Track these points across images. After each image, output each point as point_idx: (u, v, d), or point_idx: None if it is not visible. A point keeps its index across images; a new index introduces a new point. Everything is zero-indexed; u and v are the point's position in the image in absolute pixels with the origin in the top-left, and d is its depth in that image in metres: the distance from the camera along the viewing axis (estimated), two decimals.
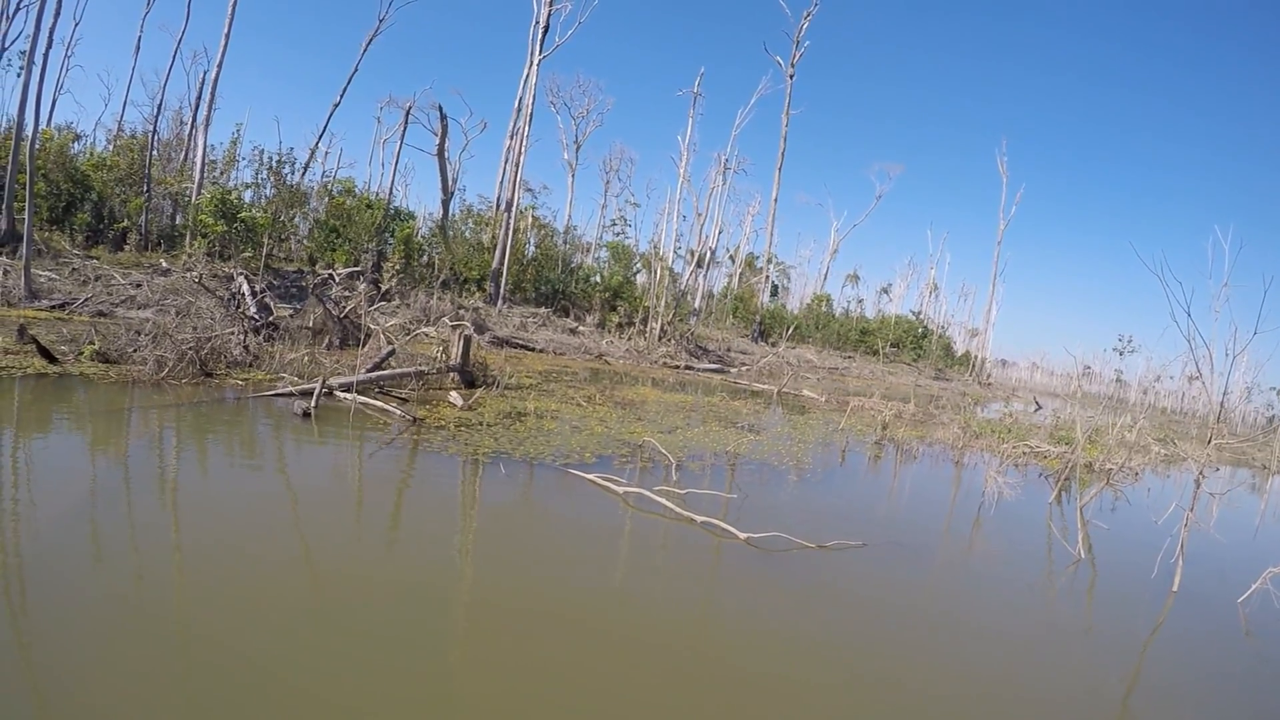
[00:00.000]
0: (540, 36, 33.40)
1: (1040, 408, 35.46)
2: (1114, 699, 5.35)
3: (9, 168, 20.69)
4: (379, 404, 11.32)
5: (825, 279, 69.88)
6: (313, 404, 10.38)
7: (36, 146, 21.13)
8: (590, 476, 8.65)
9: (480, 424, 11.07)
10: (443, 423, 10.89)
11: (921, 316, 65.16)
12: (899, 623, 6.09)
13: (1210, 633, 7.03)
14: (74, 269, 20.80)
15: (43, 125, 25.67)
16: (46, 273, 19.59)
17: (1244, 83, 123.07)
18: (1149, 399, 64.86)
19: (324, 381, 11.12)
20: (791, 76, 45.86)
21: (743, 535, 7.17)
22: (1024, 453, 16.17)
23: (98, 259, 22.75)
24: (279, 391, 11.11)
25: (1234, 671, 6.22)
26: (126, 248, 25.39)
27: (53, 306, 17.02)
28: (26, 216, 17.83)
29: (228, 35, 29.43)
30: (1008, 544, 9.33)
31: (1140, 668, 6.12)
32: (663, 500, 7.89)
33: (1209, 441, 9.96)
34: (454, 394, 12.92)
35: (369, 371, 12.54)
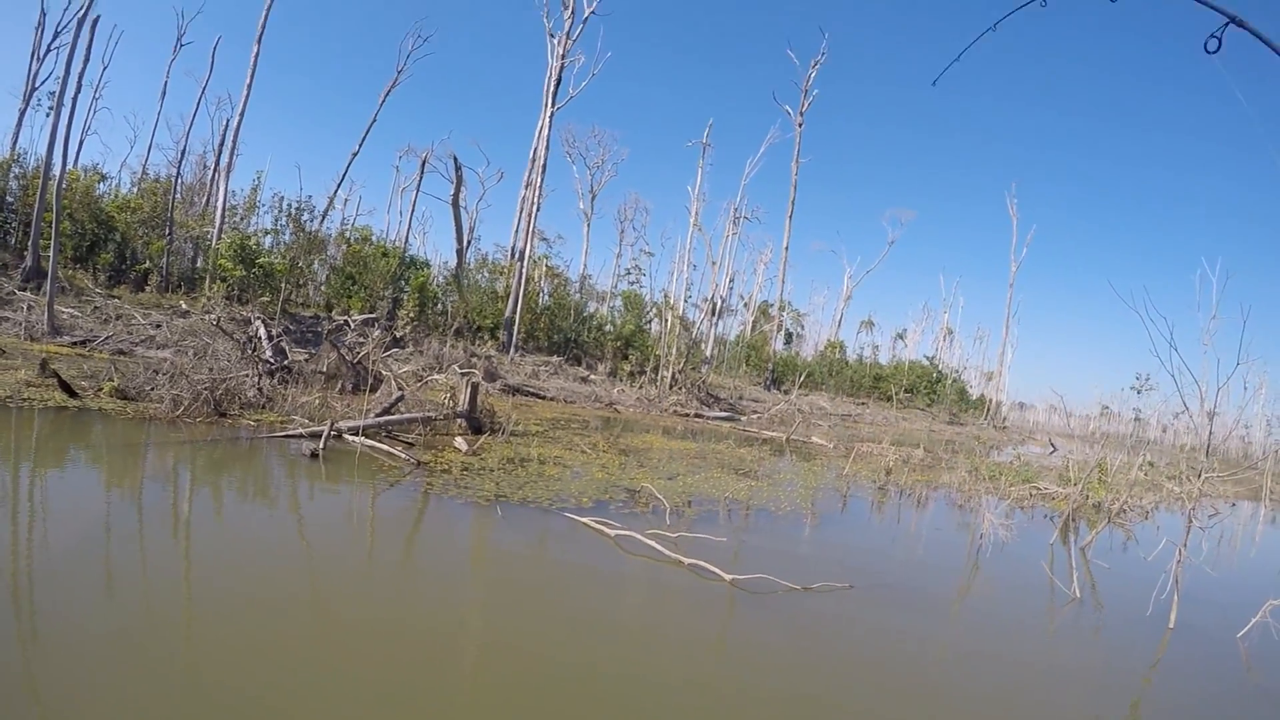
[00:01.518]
0: (553, 89, 34.15)
1: (1056, 449, 35.32)
2: None
3: (36, 206, 21.30)
4: (385, 447, 11.58)
5: (839, 325, 70.17)
6: (321, 446, 10.68)
7: (63, 186, 21.73)
8: (584, 520, 8.85)
9: (483, 469, 11.30)
10: (447, 467, 11.13)
11: (936, 361, 65.03)
12: (888, 662, 6.18)
13: (1209, 668, 7.05)
14: (96, 307, 21.35)
15: (70, 165, 26.39)
16: (69, 310, 20.13)
17: (1247, 114, 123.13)
18: (1168, 437, 64.33)
19: (332, 424, 11.42)
20: (800, 125, 46.58)
21: (728, 576, 7.34)
22: (1030, 495, 16.19)
23: (119, 298, 23.32)
24: (290, 433, 11.43)
25: (1234, 706, 6.24)
26: (148, 288, 25.95)
27: (74, 343, 17.50)
28: (52, 254, 18.40)
29: (249, 86, 30.30)
30: (1003, 585, 9.36)
31: (1139, 704, 6.15)
32: (652, 543, 8.07)
33: (1199, 476, 10.07)
34: (459, 439, 13.16)
35: (377, 416, 12.84)
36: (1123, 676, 6.68)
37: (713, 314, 47.97)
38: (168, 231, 27.80)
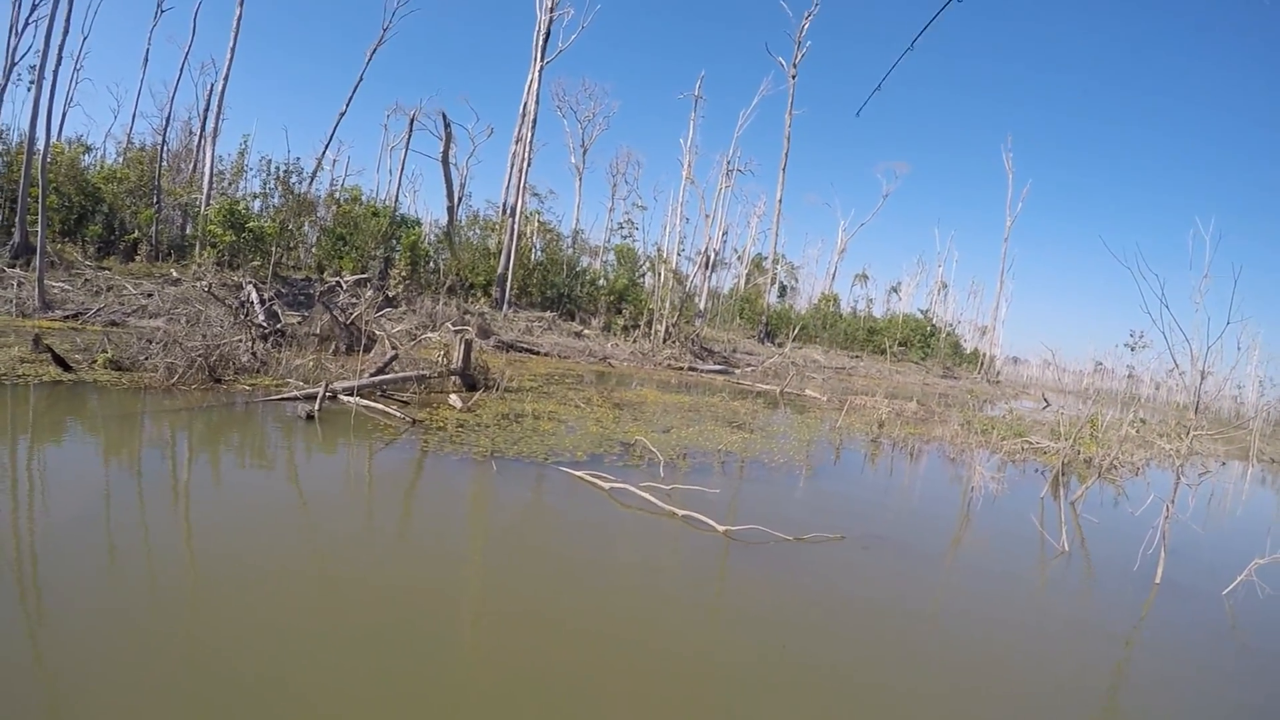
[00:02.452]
0: (542, 43, 33.76)
1: (1049, 405, 35.46)
2: (1099, 691, 5.46)
3: (21, 182, 21.08)
4: (380, 407, 11.66)
5: (834, 279, 70.12)
6: (316, 407, 10.75)
7: (48, 160, 21.50)
8: (578, 473, 8.96)
9: (478, 425, 11.39)
10: (442, 424, 11.22)
11: (930, 315, 65.07)
12: (877, 615, 6.27)
13: (1195, 625, 7.12)
14: (86, 280, 21.23)
15: (53, 139, 26.16)
16: (60, 284, 20.03)
17: (1245, 76, 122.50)
18: (1161, 394, 64.67)
19: (327, 385, 11.48)
20: (794, 77, 46.16)
21: (721, 528, 7.45)
22: (1022, 449, 16.32)
23: (109, 270, 23.19)
24: (284, 396, 11.47)
25: (1218, 663, 6.32)
26: (137, 258, 25.77)
27: (66, 316, 17.43)
28: (40, 229, 18.24)
29: (233, 48, 29.84)
30: (994, 538, 9.44)
31: (1126, 660, 6.23)
32: (647, 495, 8.18)
33: (1187, 434, 10.18)
34: (454, 397, 13.24)
35: (371, 376, 12.89)
36: (1109, 631, 6.78)
37: (706, 267, 47.96)
38: (155, 200, 27.59)
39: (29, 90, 24.53)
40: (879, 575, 7.25)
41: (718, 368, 30.95)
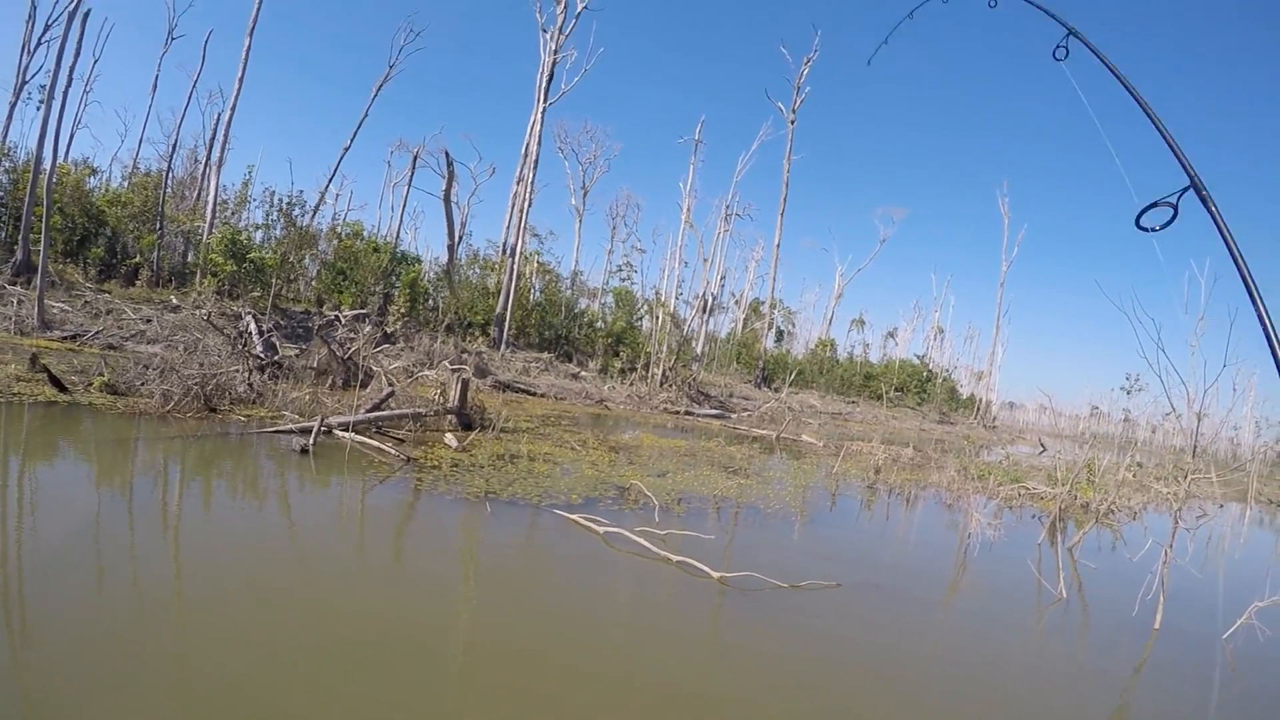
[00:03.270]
0: (546, 84, 34.11)
1: (1045, 449, 35.48)
2: None
3: (26, 200, 21.21)
4: (375, 444, 11.60)
5: (830, 323, 70.31)
6: (310, 442, 10.69)
7: (53, 180, 21.61)
8: (573, 517, 8.88)
9: (473, 465, 11.32)
10: (436, 463, 11.15)
11: (926, 360, 65.24)
12: (875, 661, 6.20)
13: (1194, 669, 7.07)
14: (86, 301, 21.26)
15: (60, 159, 26.26)
16: (59, 304, 20.04)
17: (1240, 117, 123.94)
18: (1157, 437, 64.68)
19: (322, 420, 11.43)
20: (793, 122, 46.65)
21: (716, 574, 7.38)
22: (1019, 494, 16.26)
23: (109, 293, 23.22)
24: (279, 429, 11.42)
25: (1219, 707, 6.24)
26: (138, 283, 25.85)
27: (64, 337, 17.43)
28: (42, 249, 18.33)
29: (241, 79, 30.17)
30: (992, 585, 9.38)
31: (1125, 706, 6.20)
32: (641, 540, 8.10)
33: (1185, 478, 10.14)
34: (449, 436, 13.19)
35: (367, 412, 12.85)
36: (1108, 678, 6.72)
37: (704, 311, 48.08)
38: (158, 226, 27.73)
39: (38, 109, 24.65)
40: (876, 622, 7.18)
41: (714, 412, 30.91)
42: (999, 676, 6.36)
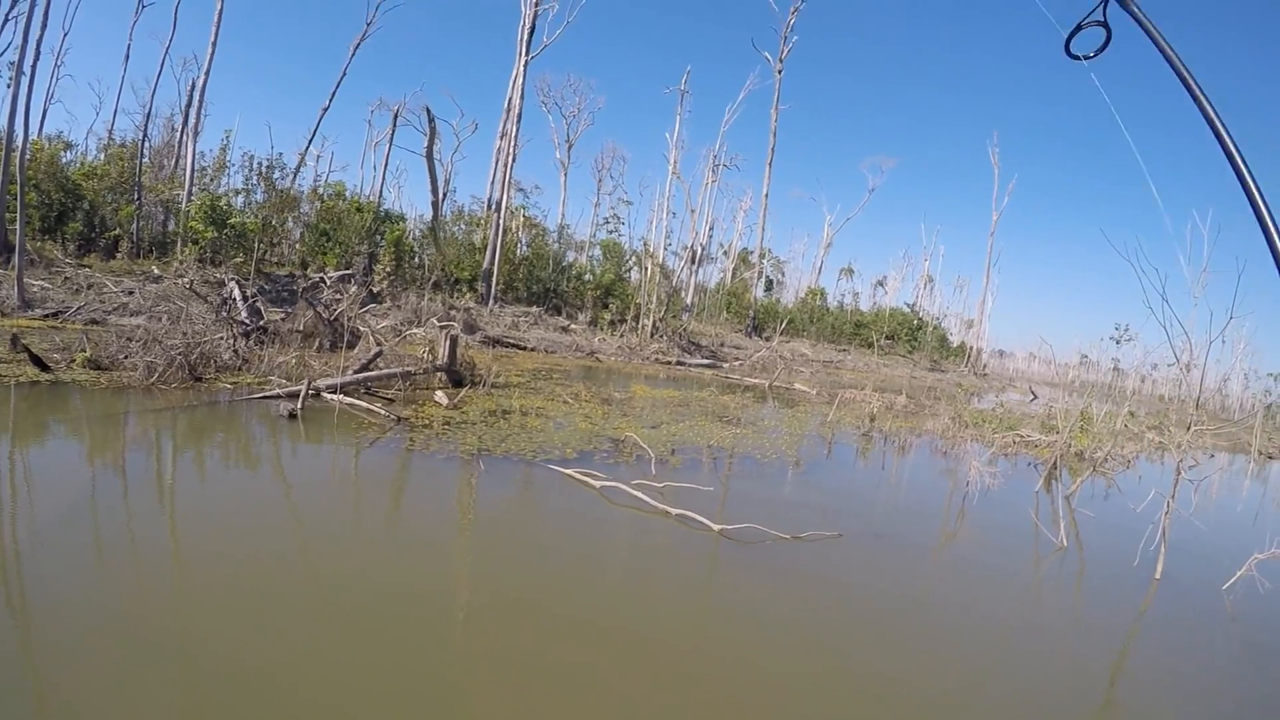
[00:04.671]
0: (527, 37, 33.50)
1: (1036, 397, 35.58)
2: (1099, 686, 5.39)
3: (0, 179, 20.77)
4: (364, 404, 11.45)
5: (820, 273, 70.04)
6: (298, 406, 10.53)
7: (27, 157, 21.16)
8: (569, 471, 8.79)
9: (465, 422, 11.20)
10: (428, 422, 11.02)
11: (917, 309, 65.11)
12: (877, 612, 6.18)
13: (1195, 619, 7.06)
14: (67, 278, 20.89)
15: (34, 135, 25.78)
16: (39, 282, 19.69)
17: (1240, 69, 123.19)
18: (1146, 387, 65.02)
19: (309, 383, 11.27)
20: (780, 72, 46.04)
21: (716, 527, 7.30)
22: (1014, 442, 16.23)
23: (90, 267, 22.83)
24: (267, 394, 11.25)
25: (1220, 658, 6.27)
26: (119, 255, 25.42)
27: (46, 315, 17.14)
28: (19, 227, 17.94)
29: (214, 43, 29.48)
30: (991, 533, 9.37)
31: (1125, 655, 6.19)
32: (639, 494, 8.01)
33: (1188, 428, 10.08)
34: (440, 393, 13.04)
35: (356, 373, 12.68)
36: (1110, 626, 6.73)
37: (693, 262, 47.80)
38: (136, 197, 27.19)
39: (8, 86, 24.09)
40: (879, 571, 7.16)
41: (705, 362, 30.82)
42: (1002, 627, 6.33)
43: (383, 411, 11.15)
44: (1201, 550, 9.27)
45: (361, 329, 16.29)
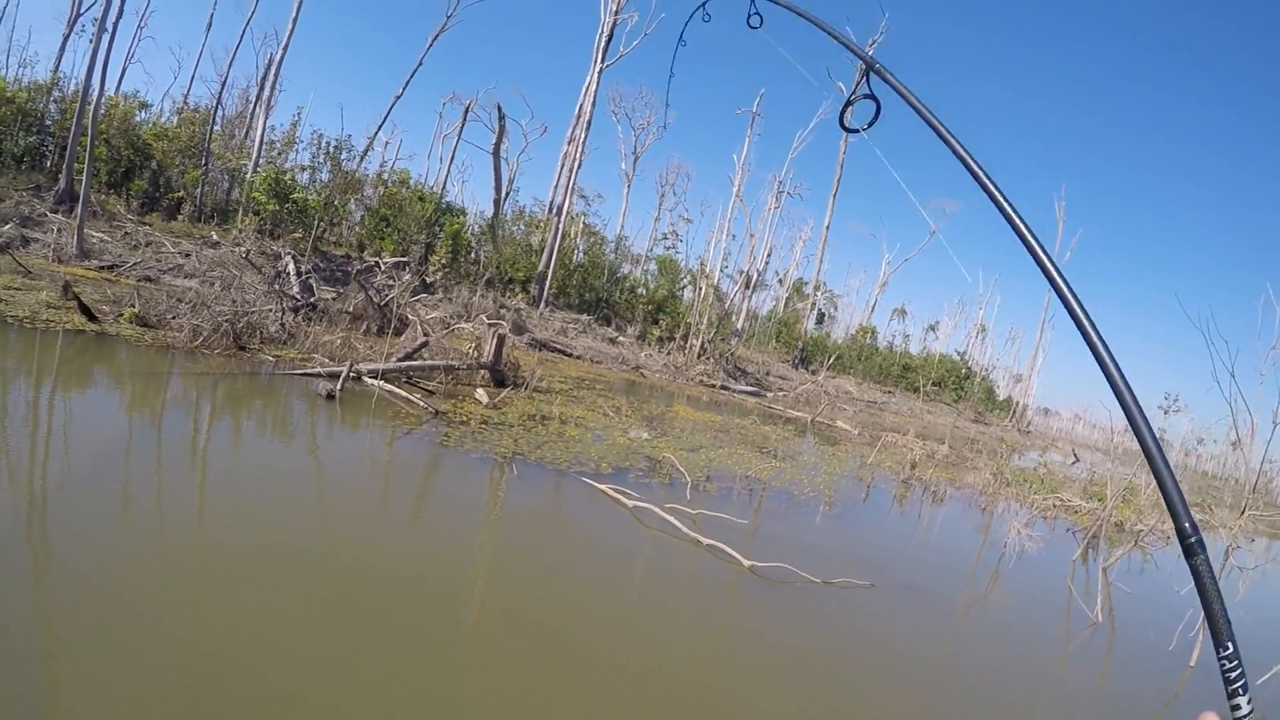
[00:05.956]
0: (604, 45, 33.53)
1: (1079, 460, 34.78)
2: None
3: (73, 130, 21.08)
4: (404, 394, 11.31)
5: (873, 311, 69.13)
6: (338, 387, 10.41)
7: (101, 111, 21.52)
8: (602, 487, 8.55)
9: (503, 423, 11.03)
10: (465, 419, 10.87)
11: (966, 357, 64.16)
12: (901, 667, 5.92)
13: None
14: (126, 233, 21.15)
15: (110, 92, 26.16)
16: (99, 234, 19.93)
17: None
18: (1190, 461, 63.54)
19: (352, 365, 11.17)
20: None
21: (747, 563, 7.02)
22: (1054, 506, 15.79)
23: (150, 225, 23.11)
24: (309, 372, 11.18)
25: None
26: (180, 217, 25.75)
27: (101, 267, 17.30)
28: (85, 178, 18.21)
29: (295, 20, 29.87)
30: (1024, 598, 9.03)
31: None
32: (671, 519, 7.75)
33: (1243, 512, 9.66)
34: (481, 391, 12.90)
35: (399, 360, 12.57)
36: (1137, 709, 6.43)
37: (747, 286, 47.46)
38: (204, 162, 27.56)
39: (90, 42, 24.54)
40: (905, 625, 6.89)
41: (750, 389, 30.49)
42: (1028, 697, 6.08)
43: (421, 403, 11.01)
44: (1242, 641, 8.81)
45: (410, 317, 16.22)
